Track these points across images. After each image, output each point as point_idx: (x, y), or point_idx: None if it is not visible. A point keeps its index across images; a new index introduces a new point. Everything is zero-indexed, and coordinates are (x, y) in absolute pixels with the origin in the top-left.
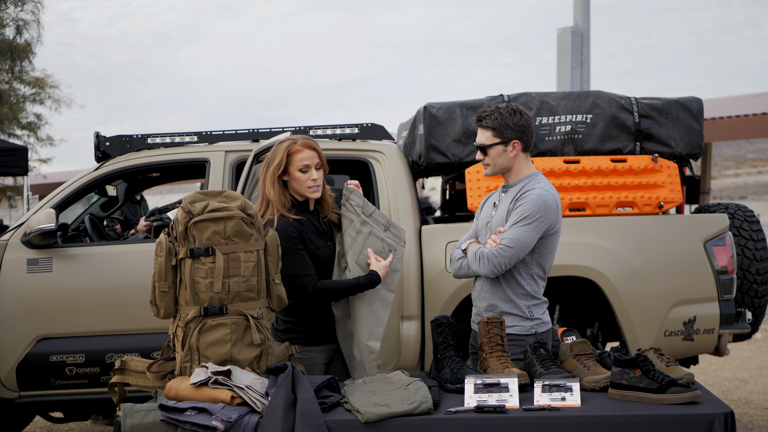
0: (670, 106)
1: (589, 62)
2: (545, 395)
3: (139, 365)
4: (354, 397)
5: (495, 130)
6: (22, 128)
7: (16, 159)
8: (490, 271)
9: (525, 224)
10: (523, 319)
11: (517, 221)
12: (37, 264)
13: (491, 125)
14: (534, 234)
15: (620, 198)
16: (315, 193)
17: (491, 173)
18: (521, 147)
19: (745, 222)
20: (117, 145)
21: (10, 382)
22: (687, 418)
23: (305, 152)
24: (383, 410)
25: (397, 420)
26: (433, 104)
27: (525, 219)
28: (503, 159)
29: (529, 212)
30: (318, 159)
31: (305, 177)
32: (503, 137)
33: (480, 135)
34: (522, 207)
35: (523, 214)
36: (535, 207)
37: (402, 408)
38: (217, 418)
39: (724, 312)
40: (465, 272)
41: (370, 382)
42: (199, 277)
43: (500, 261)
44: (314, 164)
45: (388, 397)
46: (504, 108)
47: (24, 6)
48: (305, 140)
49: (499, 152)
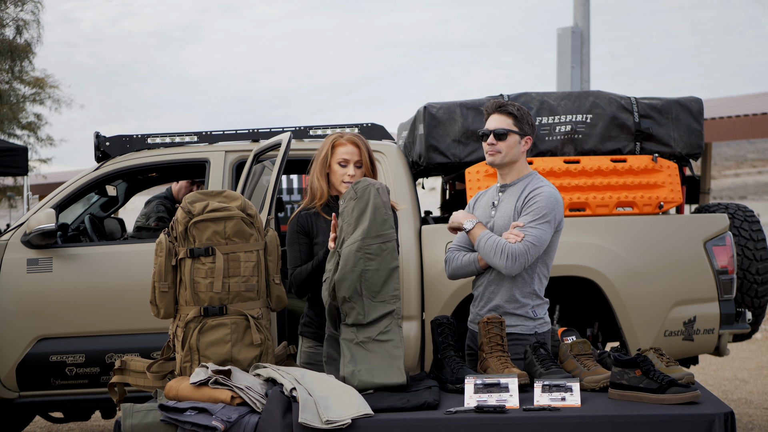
0: (670, 106)
1: (589, 62)
2: (545, 395)
3: (139, 365)
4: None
5: (517, 119)
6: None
7: (16, 159)
8: (517, 269)
9: (544, 221)
10: (527, 319)
11: (536, 219)
12: (37, 264)
13: (515, 113)
14: (551, 232)
15: (620, 198)
16: (345, 188)
17: (500, 162)
18: (530, 146)
19: (745, 222)
20: (117, 145)
21: (10, 382)
22: (687, 418)
23: (347, 146)
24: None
25: (396, 420)
26: (433, 104)
27: (543, 217)
28: (516, 150)
29: (546, 210)
30: (359, 157)
31: (342, 171)
32: (522, 130)
33: (498, 121)
34: (537, 205)
35: (540, 212)
36: (550, 205)
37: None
38: (217, 418)
39: (724, 312)
40: (467, 270)
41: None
42: (199, 277)
43: (526, 259)
44: (354, 161)
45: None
46: (521, 106)
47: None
48: (351, 136)
49: (515, 142)
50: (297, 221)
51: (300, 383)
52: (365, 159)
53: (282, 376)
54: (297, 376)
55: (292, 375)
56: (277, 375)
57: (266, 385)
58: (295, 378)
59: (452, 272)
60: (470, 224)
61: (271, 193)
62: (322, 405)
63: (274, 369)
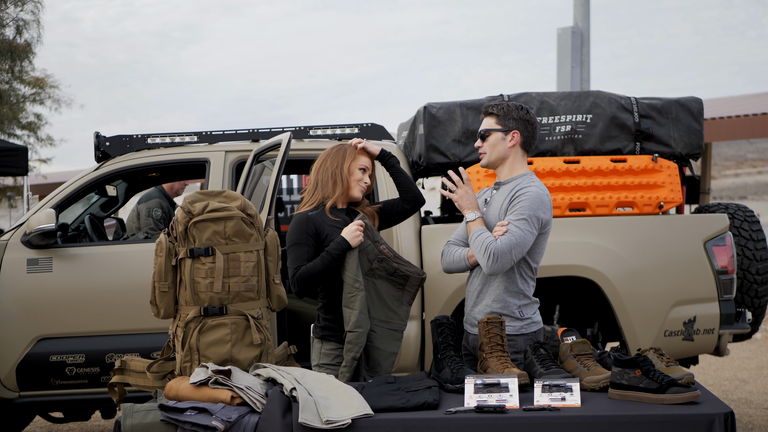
0: (670, 106)
1: (589, 62)
2: (545, 395)
3: (139, 365)
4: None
5: (498, 117)
6: (22, 128)
7: (16, 159)
8: (498, 269)
9: (526, 222)
10: (514, 319)
11: (519, 218)
12: (37, 264)
13: (495, 112)
14: (535, 233)
15: (620, 198)
16: (361, 192)
17: (486, 163)
18: (520, 140)
19: (745, 222)
20: (117, 145)
21: (10, 382)
22: (687, 418)
23: (366, 158)
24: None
25: (396, 420)
26: (433, 104)
27: (526, 217)
28: (500, 147)
29: (530, 210)
30: (371, 167)
31: (361, 176)
32: (504, 126)
33: (484, 123)
34: (522, 204)
35: (524, 213)
36: (534, 205)
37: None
38: (217, 418)
39: (724, 312)
40: (458, 266)
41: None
42: (199, 277)
43: (510, 259)
44: (369, 169)
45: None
46: (512, 103)
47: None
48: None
49: (498, 139)
50: (309, 223)
51: (300, 383)
52: (374, 174)
53: (282, 376)
54: (297, 376)
55: (292, 375)
56: (277, 375)
57: (266, 385)
58: (295, 378)
59: (446, 266)
60: (472, 216)
61: (271, 193)
62: (322, 405)
63: (274, 369)
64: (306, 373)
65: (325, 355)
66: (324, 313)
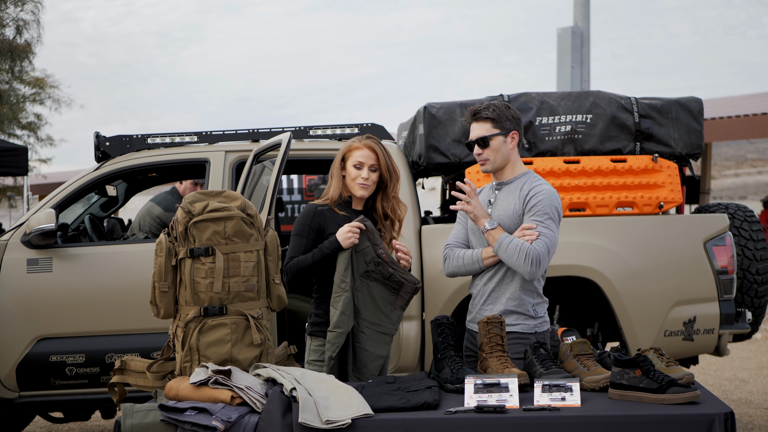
0: (670, 106)
1: (589, 62)
2: (545, 395)
3: (139, 365)
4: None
5: (494, 121)
6: (22, 128)
7: (16, 159)
8: (540, 272)
9: (553, 222)
10: (528, 318)
11: (545, 220)
12: (37, 264)
13: (490, 116)
14: (558, 229)
15: (620, 198)
16: (361, 190)
17: (492, 168)
18: (518, 140)
19: (745, 222)
20: (117, 145)
21: (10, 382)
22: (687, 418)
23: (363, 150)
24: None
25: (396, 420)
26: (433, 104)
27: (551, 216)
28: (504, 151)
29: (550, 209)
30: (375, 161)
31: (356, 173)
32: (503, 128)
33: (477, 129)
34: (542, 204)
35: (547, 211)
36: (553, 202)
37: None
38: (217, 418)
39: (724, 312)
40: (469, 269)
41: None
42: (199, 277)
43: (547, 262)
44: (369, 164)
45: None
46: (497, 102)
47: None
48: (368, 141)
49: (500, 143)
50: (314, 216)
51: (300, 383)
52: (383, 164)
53: (282, 376)
54: (297, 376)
55: (292, 375)
56: (277, 375)
57: (266, 385)
58: (295, 378)
59: (453, 270)
60: (491, 225)
61: (271, 193)
62: (322, 405)
63: (274, 369)
64: (306, 373)
65: (314, 351)
66: (315, 309)
